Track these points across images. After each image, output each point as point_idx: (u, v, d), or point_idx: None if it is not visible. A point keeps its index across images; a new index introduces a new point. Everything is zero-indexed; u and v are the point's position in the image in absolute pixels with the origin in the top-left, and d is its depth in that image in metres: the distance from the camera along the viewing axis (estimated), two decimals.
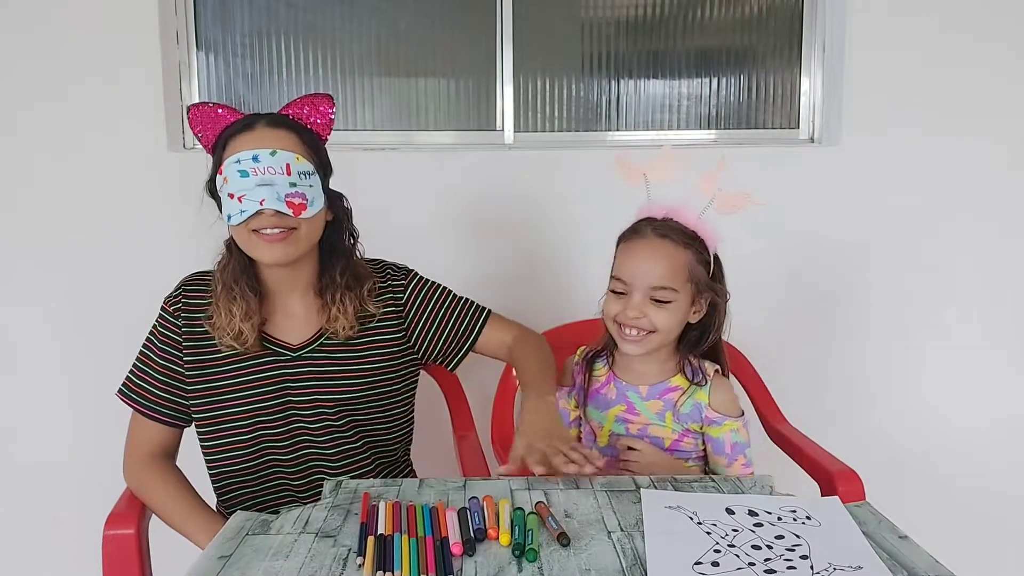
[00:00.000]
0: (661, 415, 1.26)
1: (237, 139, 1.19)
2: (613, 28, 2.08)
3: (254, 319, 1.23)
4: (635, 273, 1.21)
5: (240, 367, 1.26)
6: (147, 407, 1.29)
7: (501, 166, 1.99)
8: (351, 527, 0.93)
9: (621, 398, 1.29)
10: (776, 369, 1.68)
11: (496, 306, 1.44)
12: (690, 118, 2.12)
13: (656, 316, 1.20)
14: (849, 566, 0.82)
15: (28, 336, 1.96)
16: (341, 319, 1.25)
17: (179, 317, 1.28)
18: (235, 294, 1.22)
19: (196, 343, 1.27)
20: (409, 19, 2.04)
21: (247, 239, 1.20)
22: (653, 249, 1.20)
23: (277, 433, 1.27)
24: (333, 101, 1.26)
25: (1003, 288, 2.08)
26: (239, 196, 1.16)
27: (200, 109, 1.23)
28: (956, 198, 2.05)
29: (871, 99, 2.01)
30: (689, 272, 1.20)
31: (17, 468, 2.00)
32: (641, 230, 1.23)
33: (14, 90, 1.87)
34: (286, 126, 1.21)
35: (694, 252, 1.21)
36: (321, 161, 1.24)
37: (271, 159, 1.16)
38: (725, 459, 1.25)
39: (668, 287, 1.19)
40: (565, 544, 0.87)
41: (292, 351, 1.27)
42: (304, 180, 1.18)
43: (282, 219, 1.17)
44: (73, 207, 1.91)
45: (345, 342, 1.28)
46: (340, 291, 1.26)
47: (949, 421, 2.11)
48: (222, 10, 2.00)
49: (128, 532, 1.19)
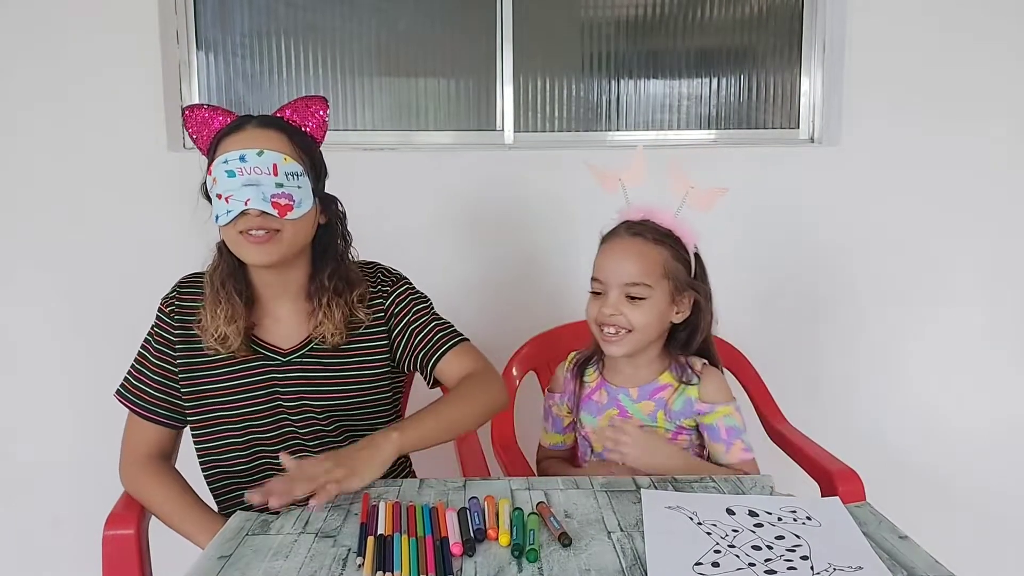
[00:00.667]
0: (653, 416, 1.27)
1: (227, 140, 1.19)
2: (613, 28, 2.08)
3: (239, 323, 1.21)
4: (609, 271, 1.23)
5: (230, 370, 1.25)
6: (143, 408, 1.28)
7: (501, 166, 1.99)
8: (351, 527, 0.93)
9: (612, 402, 1.29)
10: (776, 369, 1.68)
11: (495, 306, 1.44)
12: (690, 118, 2.12)
13: (631, 313, 1.21)
14: (849, 566, 0.82)
15: (28, 336, 1.96)
16: (328, 324, 1.23)
17: (173, 317, 1.28)
18: (221, 297, 1.21)
19: (189, 344, 1.26)
20: (409, 19, 2.04)
21: (235, 240, 1.19)
22: (625, 247, 1.23)
23: (269, 436, 1.26)
24: (327, 103, 1.26)
25: (1003, 288, 2.08)
26: (226, 196, 1.15)
27: (195, 111, 1.23)
28: (956, 198, 2.05)
29: (871, 99, 2.01)
30: (664, 268, 1.22)
31: (17, 468, 2.00)
32: (617, 231, 1.27)
33: (14, 90, 1.87)
34: (277, 127, 1.20)
35: (669, 249, 1.23)
36: (313, 163, 1.23)
37: (258, 159, 1.15)
38: (723, 445, 1.25)
39: (641, 283, 1.21)
40: (567, 544, 0.87)
41: (282, 356, 1.26)
42: (291, 181, 1.17)
43: (267, 220, 1.16)
44: (73, 207, 1.92)
45: (334, 348, 1.27)
46: (328, 296, 1.24)
47: (949, 421, 2.11)
48: (222, 10, 2.00)
49: (128, 532, 1.19)
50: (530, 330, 1.66)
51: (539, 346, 1.63)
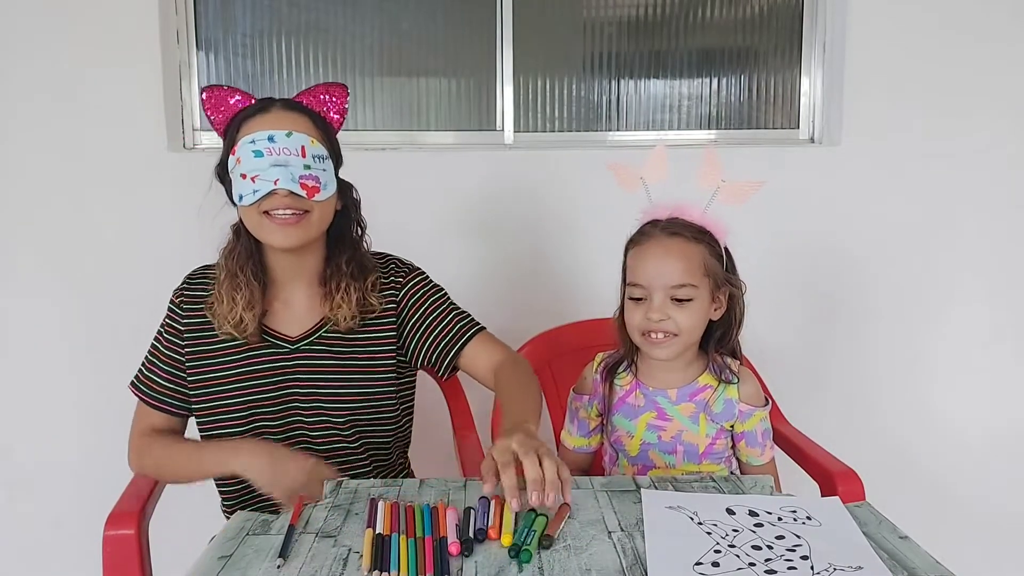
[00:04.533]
0: (695, 417, 1.23)
1: (252, 120, 1.18)
2: (614, 28, 2.08)
3: (256, 308, 1.21)
4: (652, 275, 1.18)
5: (237, 358, 1.25)
6: (152, 397, 1.29)
7: (501, 166, 1.99)
8: (351, 527, 0.93)
9: (651, 404, 1.25)
10: (776, 369, 1.68)
11: (496, 306, 1.44)
12: (690, 118, 2.12)
13: (679, 316, 1.17)
14: (849, 566, 0.82)
15: (28, 335, 1.96)
16: (344, 308, 1.23)
17: (183, 307, 1.28)
18: (240, 281, 1.21)
19: (195, 333, 1.26)
20: (410, 19, 2.04)
21: (258, 222, 1.18)
22: (666, 248, 1.18)
23: (275, 426, 1.26)
24: (348, 91, 1.26)
25: (1005, 288, 2.08)
26: (252, 176, 1.15)
27: (214, 92, 1.22)
28: (956, 198, 2.05)
29: (871, 99, 2.01)
30: (705, 266, 1.18)
31: (18, 468, 2.00)
32: (650, 232, 1.21)
33: (14, 90, 1.87)
34: (300, 110, 1.21)
35: (706, 246, 1.19)
36: (333, 149, 1.24)
37: (287, 140, 1.16)
38: (759, 449, 1.24)
39: (687, 284, 1.17)
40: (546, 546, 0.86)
41: (290, 343, 1.26)
42: (318, 164, 1.18)
43: (295, 200, 1.16)
44: (74, 207, 1.92)
45: (343, 336, 1.26)
46: (345, 280, 1.24)
47: (949, 421, 2.11)
48: (222, 9, 2.00)
49: (128, 532, 1.19)
50: (531, 330, 1.66)
51: (540, 346, 1.63)
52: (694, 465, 1.25)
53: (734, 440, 1.27)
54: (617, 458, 1.30)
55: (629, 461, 1.27)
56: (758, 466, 1.25)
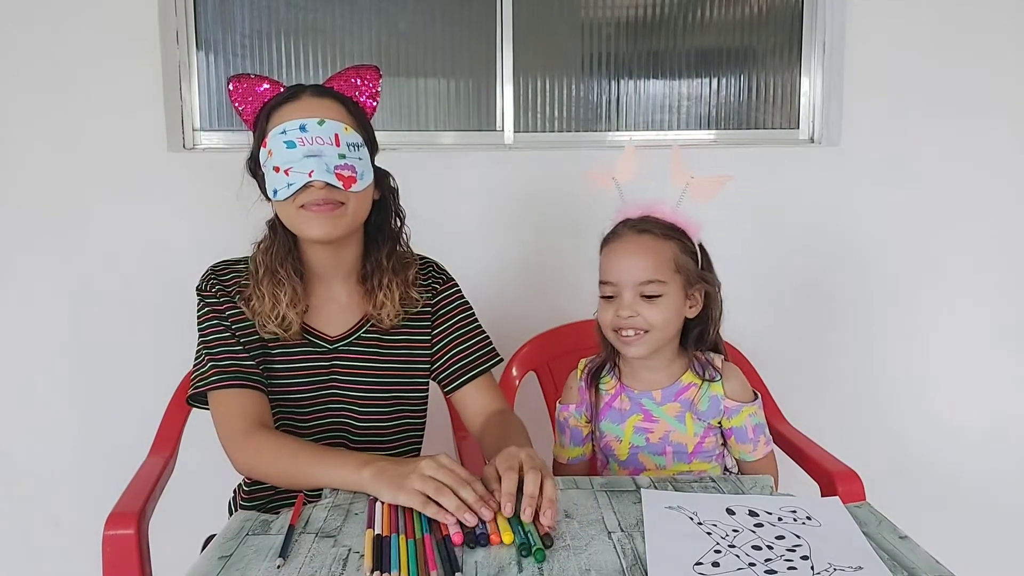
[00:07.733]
0: (681, 417, 1.24)
1: (281, 109, 1.13)
2: (613, 28, 2.08)
3: (300, 305, 1.16)
4: (620, 272, 1.19)
5: (281, 353, 1.18)
6: (238, 377, 1.15)
7: (501, 166, 1.99)
8: (351, 527, 0.93)
9: (636, 407, 1.25)
10: (776, 369, 1.68)
11: (496, 306, 1.44)
12: (690, 118, 2.12)
13: (648, 312, 1.18)
14: (849, 566, 0.82)
15: (27, 336, 1.96)
16: (388, 305, 1.18)
17: (219, 296, 1.19)
18: (280, 278, 1.15)
19: (236, 324, 1.19)
20: (409, 19, 2.04)
21: (294, 215, 1.13)
22: (634, 245, 1.19)
23: (310, 426, 1.20)
24: (380, 73, 1.19)
25: (1005, 287, 2.09)
26: (286, 169, 1.10)
27: (240, 81, 1.16)
28: (957, 198, 2.05)
29: (871, 99, 2.01)
30: (675, 263, 1.19)
31: (18, 469, 2.00)
32: (620, 231, 1.23)
33: (13, 90, 1.87)
34: (332, 96, 1.15)
35: (677, 243, 1.20)
36: (368, 135, 1.18)
37: (319, 129, 1.10)
38: (751, 445, 1.24)
39: (655, 280, 1.17)
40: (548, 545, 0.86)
41: (329, 343, 1.21)
42: (353, 152, 1.12)
43: (332, 192, 1.10)
44: (73, 207, 1.91)
45: (381, 337, 1.22)
46: (387, 276, 1.19)
47: (950, 421, 2.11)
48: (222, 10, 2.00)
49: (128, 532, 1.19)
50: (530, 330, 1.66)
51: (539, 346, 1.63)
52: (684, 465, 1.25)
53: (724, 437, 1.27)
54: (608, 463, 1.30)
55: (620, 465, 1.27)
56: (753, 461, 1.25)
